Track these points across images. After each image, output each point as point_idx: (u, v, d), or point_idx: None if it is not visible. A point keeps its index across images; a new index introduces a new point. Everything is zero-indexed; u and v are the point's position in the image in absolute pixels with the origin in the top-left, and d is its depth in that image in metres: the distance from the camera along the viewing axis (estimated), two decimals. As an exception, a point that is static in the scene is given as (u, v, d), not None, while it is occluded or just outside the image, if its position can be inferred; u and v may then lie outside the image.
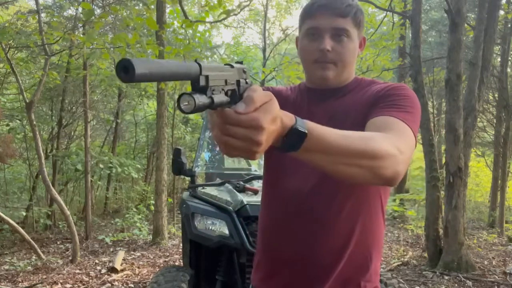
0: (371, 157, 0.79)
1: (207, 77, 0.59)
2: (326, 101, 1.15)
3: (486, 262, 5.44)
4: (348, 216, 1.07)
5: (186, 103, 0.56)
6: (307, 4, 1.13)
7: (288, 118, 0.71)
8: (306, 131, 0.71)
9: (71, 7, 7.93)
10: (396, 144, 0.84)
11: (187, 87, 6.80)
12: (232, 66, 0.70)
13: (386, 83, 1.12)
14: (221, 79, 0.63)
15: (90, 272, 5.00)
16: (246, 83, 0.72)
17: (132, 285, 4.52)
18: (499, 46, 8.96)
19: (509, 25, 8.17)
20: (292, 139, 0.71)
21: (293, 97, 1.22)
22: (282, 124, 0.69)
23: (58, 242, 7.09)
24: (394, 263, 5.40)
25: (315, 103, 1.16)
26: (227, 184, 2.86)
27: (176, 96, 8.83)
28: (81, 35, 5.95)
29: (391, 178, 0.83)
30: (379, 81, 1.16)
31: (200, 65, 0.58)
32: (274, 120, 0.65)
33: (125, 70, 0.48)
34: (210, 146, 3.93)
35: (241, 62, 0.75)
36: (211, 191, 2.84)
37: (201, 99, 0.56)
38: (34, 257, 5.69)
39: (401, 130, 0.91)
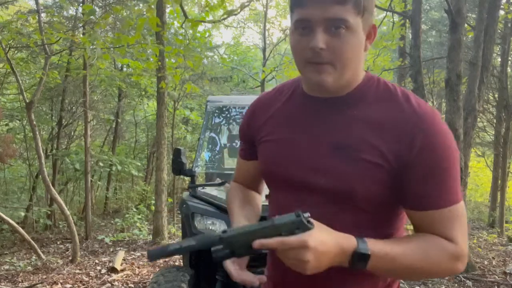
0: (430, 271, 0.86)
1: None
2: (328, 116, 0.94)
3: (486, 262, 5.44)
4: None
5: None
6: None
7: (349, 241, 0.80)
8: (369, 253, 0.79)
9: (71, 7, 7.94)
10: (452, 251, 0.86)
11: (187, 87, 6.80)
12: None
13: (408, 109, 0.87)
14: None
15: (90, 272, 5.00)
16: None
17: (132, 285, 4.51)
18: (499, 46, 8.95)
19: (509, 25, 8.17)
20: (357, 260, 0.80)
21: (288, 107, 1.01)
22: (342, 247, 0.78)
23: (58, 242, 7.09)
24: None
25: (315, 117, 0.95)
26: (227, 184, 2.86)
27: (176, 95, 8.86)
28: (82, 35, 5.94)
29: (449, 276, 1.11)
30: (398, 96, 0.91)
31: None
32: (323, 243, 0.76)
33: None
34: (210, 146, 3.93)
35: (298, 215, 0.79)
36: (211, 191, 2.84)
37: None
38: (34, 257, 5.69)
39: (455, 220, 0.86)
